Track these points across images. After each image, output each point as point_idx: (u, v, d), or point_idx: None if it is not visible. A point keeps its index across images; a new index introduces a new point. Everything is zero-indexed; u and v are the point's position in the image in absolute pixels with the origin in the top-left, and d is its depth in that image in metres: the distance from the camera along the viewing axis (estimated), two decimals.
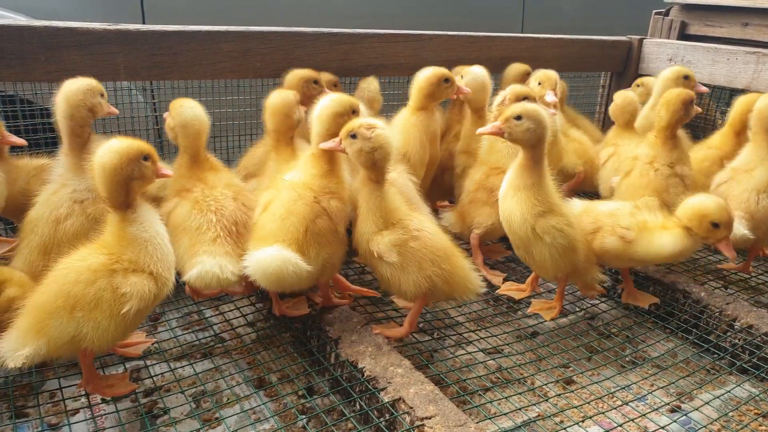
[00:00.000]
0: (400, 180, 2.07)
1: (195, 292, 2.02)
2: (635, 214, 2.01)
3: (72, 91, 1.83)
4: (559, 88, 2.68)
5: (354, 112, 1.84)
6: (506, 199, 1.95)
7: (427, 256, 1.75)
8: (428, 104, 2.34)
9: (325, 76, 2.49)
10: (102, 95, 1.89)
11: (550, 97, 2.51)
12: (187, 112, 1.90)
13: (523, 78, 2.79)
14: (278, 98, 2.07)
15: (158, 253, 1.51)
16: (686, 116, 2.32)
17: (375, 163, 1.73)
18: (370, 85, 2.53)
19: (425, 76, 2.32)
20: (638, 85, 3.10)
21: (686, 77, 2.73)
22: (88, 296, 1.42)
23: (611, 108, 2.73)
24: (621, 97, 2.72)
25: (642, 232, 1.96)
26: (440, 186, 2.66)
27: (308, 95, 2.25)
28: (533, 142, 1.87)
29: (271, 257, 1.61)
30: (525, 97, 2.24)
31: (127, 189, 1.48)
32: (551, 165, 2.08)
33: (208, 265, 1.69)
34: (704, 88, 2.82)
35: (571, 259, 1.95)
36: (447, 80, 2.33)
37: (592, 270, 2.05)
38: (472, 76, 2.49)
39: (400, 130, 2.31)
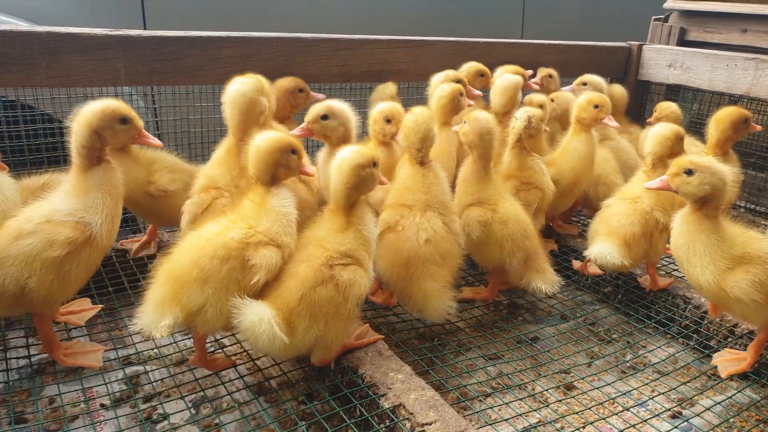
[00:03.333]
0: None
1: None
2: None
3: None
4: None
5: (374, 164, 1.66)
6: None
7: (508, 238, 1.99)
8: (450, 119, 2.32)
9: (285, 83, 2.40)
10: None
11: (612, 122, 2.48)
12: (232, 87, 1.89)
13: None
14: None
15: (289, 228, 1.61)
16: (736, 135, 2.35)
17: (472, 146, 2.04)
18: (386, 88, 2.51)
19: (444, 92, 2.27)
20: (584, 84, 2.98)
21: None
22: (221, 273, 1.49)
23: None
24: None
25: None
26: None
27: (295, 105, 2.34)
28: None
29: (248, 315, 1.47)
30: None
31: (274, 173, 1.62)
32: None
33: None
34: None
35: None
36: (461, 94, 2.30)
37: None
38: (498, 80, 2.51)
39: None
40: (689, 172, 1.71)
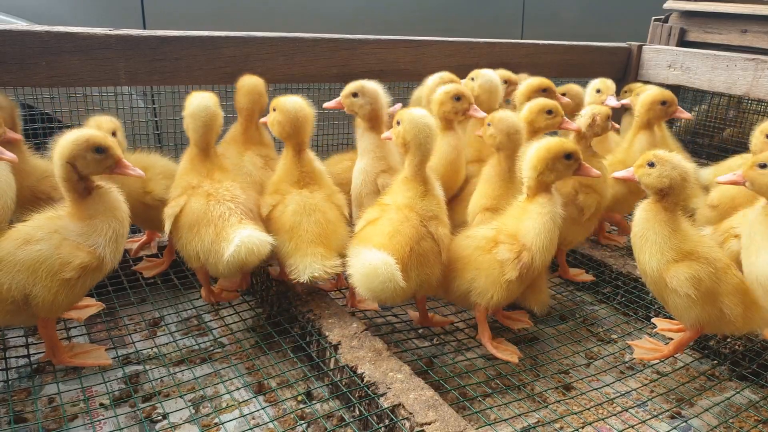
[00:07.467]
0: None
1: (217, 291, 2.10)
2: None
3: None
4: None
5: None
6: None
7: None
8: (452, 123, 2.24)
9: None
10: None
11: (613, 101, 2.62)
12: (195, 102, 1.90)
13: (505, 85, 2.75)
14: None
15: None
16: None
17: (500, 147, 2.04)
18: None
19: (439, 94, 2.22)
20: (625, 91, 3.08)
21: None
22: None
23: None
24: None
25: None
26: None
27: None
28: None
29: (370, 258, 1.63)
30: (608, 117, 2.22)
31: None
32: None
33: (245, 234, 1.71)
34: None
35: None
36: (458, 98, 2.19)
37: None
38: (483, 78, 2.45)
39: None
40: (651, 165, 1.76)
